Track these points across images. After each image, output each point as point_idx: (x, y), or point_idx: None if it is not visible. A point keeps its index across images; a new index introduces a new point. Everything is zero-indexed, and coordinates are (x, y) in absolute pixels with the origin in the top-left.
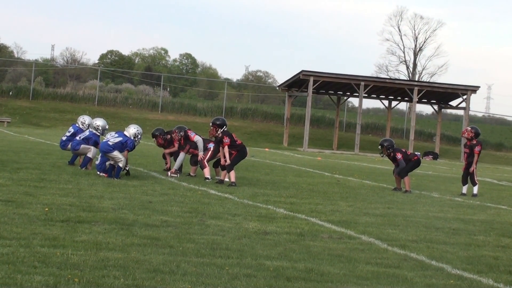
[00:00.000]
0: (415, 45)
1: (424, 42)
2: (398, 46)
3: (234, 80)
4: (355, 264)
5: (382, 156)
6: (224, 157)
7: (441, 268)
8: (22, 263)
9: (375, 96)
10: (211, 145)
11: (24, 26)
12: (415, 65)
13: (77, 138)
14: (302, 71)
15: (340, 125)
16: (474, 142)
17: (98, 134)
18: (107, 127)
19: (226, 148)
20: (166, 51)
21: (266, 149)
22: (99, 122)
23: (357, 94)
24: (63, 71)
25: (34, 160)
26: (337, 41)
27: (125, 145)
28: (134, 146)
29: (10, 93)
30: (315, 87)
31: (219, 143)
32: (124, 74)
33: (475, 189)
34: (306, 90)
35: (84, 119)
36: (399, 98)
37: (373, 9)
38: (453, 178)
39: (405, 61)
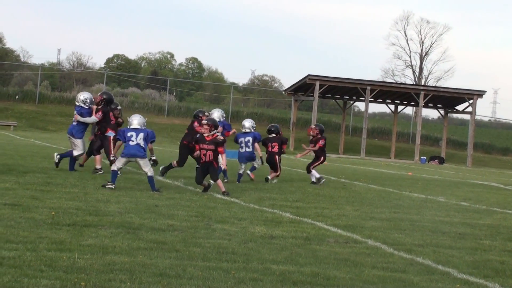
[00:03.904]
0: (421, 50)
1: (430, 47)
2: (404, 50)
3: (240, 84)
4: (361, 268)
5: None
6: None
7: (447, 272)
8: (28, 267)
9: (381, 100)
10: None
11: (30, 30)
12: (421, 69)
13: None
14: (308, 75)
15: (346, 129)
16: (319, 137)
17: (86, 107)
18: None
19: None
20: (172, 55)
21: None
22: (86, 94)
23: (363, 99)
24: (69, 75)
25: (40, 164)
26: (344, 45)
27: (149, 137)
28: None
29: (17, 97)
30: (321, 91)
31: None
32: (130, 78)
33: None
34: (312, 94)
35: (84, 96)
36: (405, 102)
37: (380, 14)
38: (459, 182)
39: (411, 65)
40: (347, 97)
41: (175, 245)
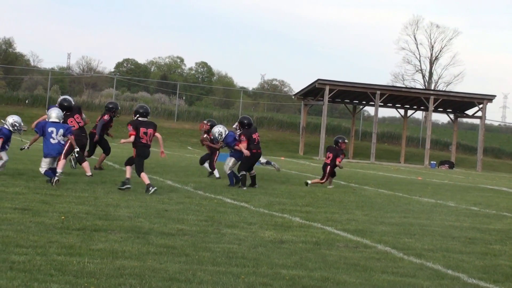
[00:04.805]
0: (431, 54)
1: (440, 51)
2: (414, 55)
3: (250, 88)
4: (371, 273)
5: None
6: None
7: (457, 277)
8: (38, 271)
9: (391, 105)
10: None
11: (40, 35)
12: (431, 74)
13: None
14: (318, 79)
15: (356, 134)
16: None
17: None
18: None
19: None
20: (182, 60)
21: (282, 158)
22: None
23: (373, 103)
24: (79, 80)
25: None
26: (353, 50)
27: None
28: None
29: (27, 101)
30: (331, 96)
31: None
32: (140, 83)
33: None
34: (322, 99)
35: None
36: (415, 107)
37: (389, 18)
38: (469, 187)
39: (421, 70)
40: (357, 101)
41: (185, 250)
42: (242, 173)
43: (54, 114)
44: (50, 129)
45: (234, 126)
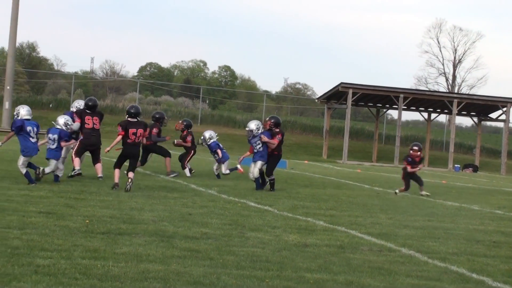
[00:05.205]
0: (454, 57)
1: (464, 54)
2: (437, 58)
3: (273, 92)
4: (396, 276)
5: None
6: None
7: (482, 281)
8: (63, 275)
9: (414, 108)
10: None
11: (64, 39)
12: (454, 77)
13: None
14: (341, 83)
15: (379, 137)
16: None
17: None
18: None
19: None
20: (205, 63)
21: (305, 162)
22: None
23: (396, 106)
24: (103, 84)
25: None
26: (376, 53)
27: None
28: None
29: (50, 105)
30: (354, 99)
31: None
32: (163, 87)
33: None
34: (345, 102)
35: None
36: (439, 110)
37: (412, 22)
38: (493, 190)
39: (444, 73)
40: (380, 105)
41: (209, 253)
42: (271, 178)
43: (25, 111)
44: (28, 128)
45: (249, 128)
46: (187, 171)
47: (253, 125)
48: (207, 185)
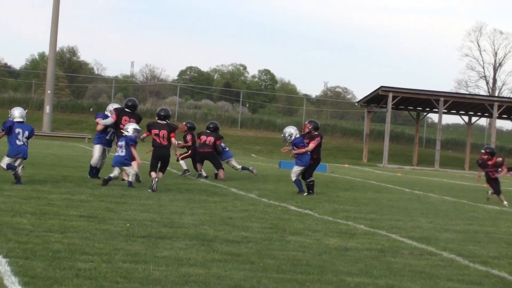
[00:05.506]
0: (495, 60)
1: (504, 57)
2: (478, 61)
3: (313, 96)
4: (436, 280)
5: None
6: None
7: None
8: (104, 279)
9: (454, 111)
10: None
11: (104, 43)
12: (494, 80)
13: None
14: (381, 87)
15: (419, 141)
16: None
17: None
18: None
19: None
20: (245, 67)
21: (346, 165)
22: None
23: (437, 110)
24: (143, 88)
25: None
26: (416, 57)
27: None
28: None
29: (91, 109)
30: (394, 103)
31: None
32: (203, 91)
33: None
34: (385, 106)
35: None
36: (479, 113)
37: (452, 25)
38: None
39: (485, 76)
40: (420, 108)
41: (250, 257)
42: (310, 180)
43: (17, 113)
44: (17, 130)
45: (288, 132)
46: (183, 163)
47: (287, 134)
48: (248, 189)
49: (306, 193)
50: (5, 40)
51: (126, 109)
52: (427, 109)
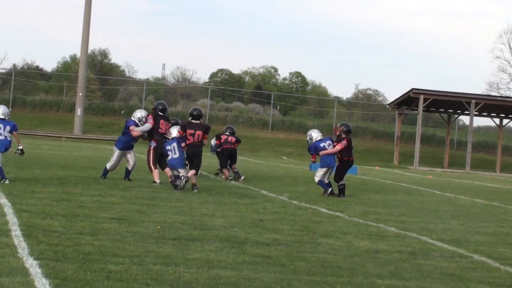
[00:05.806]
0: None
1: None
2: (509, 63)
3: (344, 98)
4: (467, 283)
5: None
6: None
7: None
8: (135, 281)
9: (486, 114)
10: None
11: (135, 46)
12: None
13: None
14: (412, 89)
15: (451, 143)
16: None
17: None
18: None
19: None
20: (276, 70)
21: (377, 168)
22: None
23: (468, 112)
24: (174, 90)
25: (146, 178)
26: (447, 59)
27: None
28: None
29: (122, 112)
30: (425, 105)
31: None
32: (234, 93)
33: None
34: (416, 108)
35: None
36: (510, 116)
37: (483, 27)
38: None
39: None
40: (452, 110)
41: (280, 259)
42: (341, 183)
43: (0, 111)
44: None
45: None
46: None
47: (307, 136)
48: (278, 191)
49: (332, 193)
50: (37, 43)
51: (160, 113)
52: (458, 111)
